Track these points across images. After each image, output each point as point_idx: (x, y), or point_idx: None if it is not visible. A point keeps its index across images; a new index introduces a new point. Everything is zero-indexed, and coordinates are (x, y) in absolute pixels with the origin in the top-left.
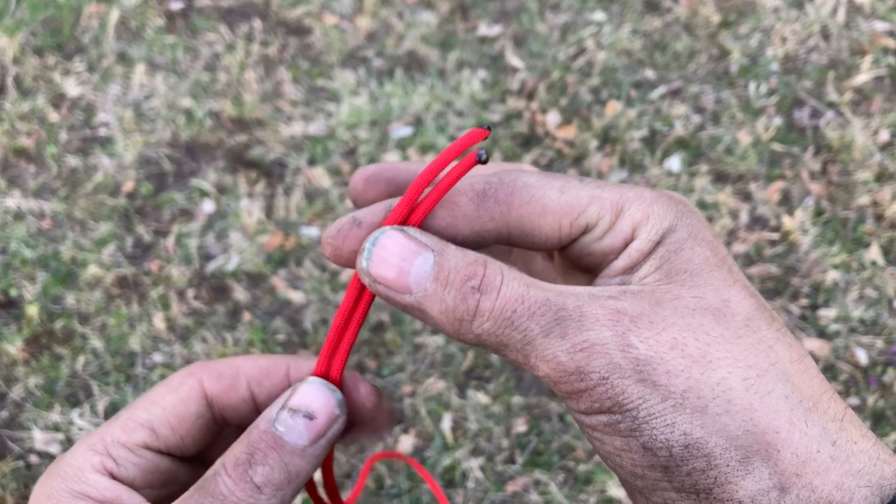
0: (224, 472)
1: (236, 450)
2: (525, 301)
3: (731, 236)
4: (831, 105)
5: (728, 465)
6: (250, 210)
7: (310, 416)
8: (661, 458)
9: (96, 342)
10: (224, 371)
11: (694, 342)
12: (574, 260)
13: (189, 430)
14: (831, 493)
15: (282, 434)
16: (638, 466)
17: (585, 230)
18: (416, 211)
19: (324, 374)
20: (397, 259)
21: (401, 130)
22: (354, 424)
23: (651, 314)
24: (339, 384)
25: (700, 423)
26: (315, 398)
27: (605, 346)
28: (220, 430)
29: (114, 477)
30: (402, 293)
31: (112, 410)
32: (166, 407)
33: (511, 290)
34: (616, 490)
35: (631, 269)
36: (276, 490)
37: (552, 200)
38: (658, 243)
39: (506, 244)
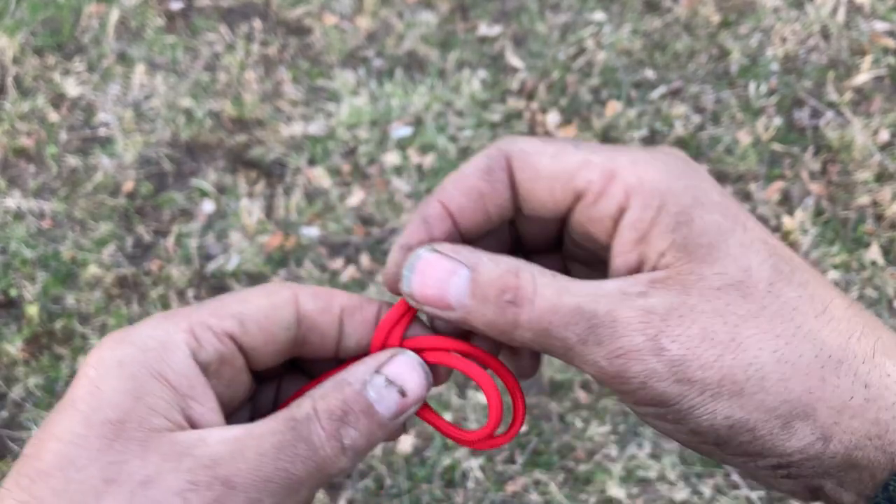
0: (318, 421)
1: (330, 401)
2: (558, 311)
3: None
4: (831, 105)
5: (771, 433)
6: (250, 210)
7: (402, 392)
8: (709, 438)
9: (96, 342)
10: (321, 293)
11: (723, 327)
12: (581, 234)
13: (274, 336)
14: (869, 429)
15: (373, 401)
16: (691, 443)
17: (577, 197)
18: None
19: (419, 353)
20: (435, 280)
21: (401, 130)
22: None
23: (680, 307)
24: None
25: (739, 404)
26: (412, 376)
27: (640, 352)
28: (290, 353)
29: (195, 358)
30: (446, 311)
31: None
32: (260, 307)
33: (544, 300)
34: (616, 490)
35: (643, 241)
36: (356, 455)
37: (544, 166)
38: (660, 209)
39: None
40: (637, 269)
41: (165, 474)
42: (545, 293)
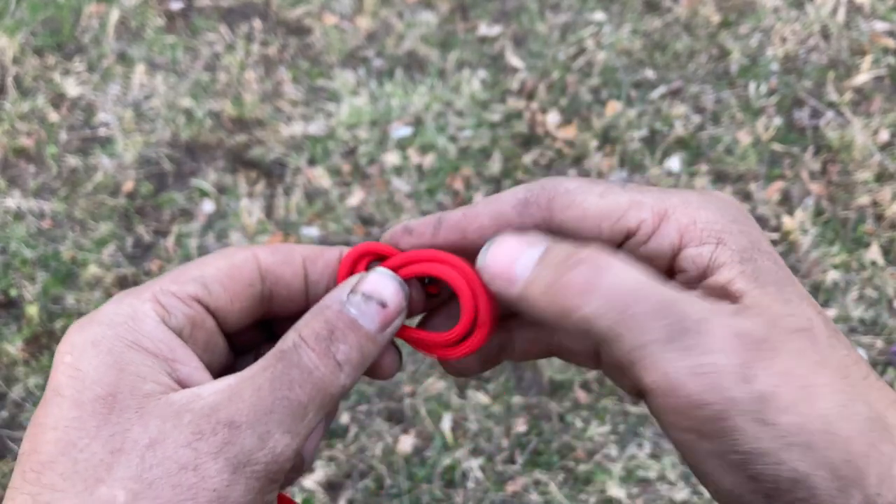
0: (305, 344)
1: (313, 325)
2: (645, 293)
3: None
4: (831, 105)
5: (830, 495)
6: (250, 210)
7: (382, 304)
8: (766, 487)
9: None
10: (279, 247)
11: (800, 370)
12: None
13: (239, 294)
14: None
15: (356, 317)
16: (739, 487)
17: (627, 235)
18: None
19: (393, 269)
20: (508, 251)
21: (401, 130)
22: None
23: (770, 339)
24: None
25: (808, 458)
26: (386, 287)
27: (730, 375)
28: (260, 312)
29: (166, 324)
30: (510, 284)
31: None
32: (220, 267)
33: (628, 274)
34: (616, 490)
35: (704, 276)
36: (353, 370)
37: (592, 205)
38: (718, 245)
39: None
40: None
41: (169, 432)
42: (628, 269)
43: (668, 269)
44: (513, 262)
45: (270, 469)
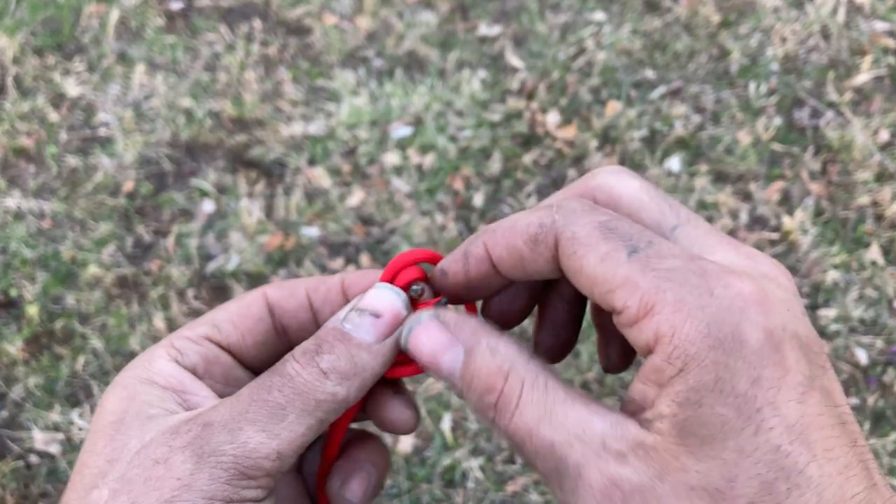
0: (292, 358)
1: (305, 344)
2: (533, 439)
3: (731, 236)
4: (831, 105)
5: None
6: (250, 210)
7: (376, 315)
8: None
9: (96, 342)
10: (285, 283)
11: None
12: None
13: (250, 329)
14: None
15: (349, 330)
16: None
17: (613, 311)
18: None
19: (389, 281)
20: (429, 350)
21: (401, 130)
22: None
23: (647, 492)
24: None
25: None
26: (381, 299)
27: None
28: (281, 345)
29: (178, 363)
30: (436, 372)
31: None
32: (230, 309)
33: (523, 420)
34: None
35: (660, 387)
36: (342, 379)
37: (589, 265)
38: (681, 371)
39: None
40: (653, 400)
41: (156, 437)
42: (526, 413)
43: (644, 353)
44: (437, 362)
45: (241, 462)
